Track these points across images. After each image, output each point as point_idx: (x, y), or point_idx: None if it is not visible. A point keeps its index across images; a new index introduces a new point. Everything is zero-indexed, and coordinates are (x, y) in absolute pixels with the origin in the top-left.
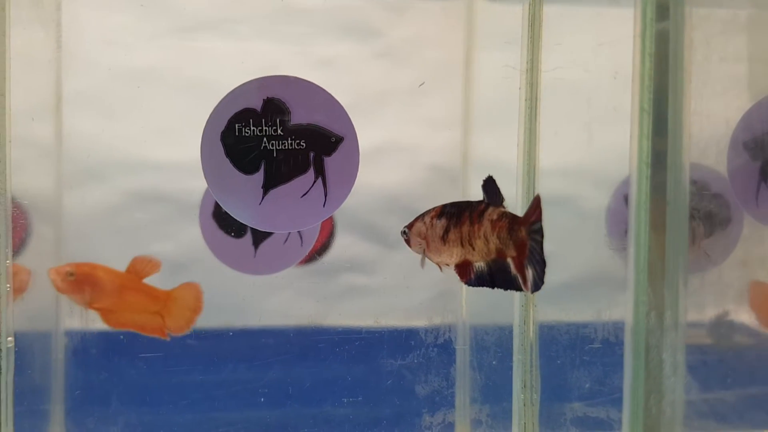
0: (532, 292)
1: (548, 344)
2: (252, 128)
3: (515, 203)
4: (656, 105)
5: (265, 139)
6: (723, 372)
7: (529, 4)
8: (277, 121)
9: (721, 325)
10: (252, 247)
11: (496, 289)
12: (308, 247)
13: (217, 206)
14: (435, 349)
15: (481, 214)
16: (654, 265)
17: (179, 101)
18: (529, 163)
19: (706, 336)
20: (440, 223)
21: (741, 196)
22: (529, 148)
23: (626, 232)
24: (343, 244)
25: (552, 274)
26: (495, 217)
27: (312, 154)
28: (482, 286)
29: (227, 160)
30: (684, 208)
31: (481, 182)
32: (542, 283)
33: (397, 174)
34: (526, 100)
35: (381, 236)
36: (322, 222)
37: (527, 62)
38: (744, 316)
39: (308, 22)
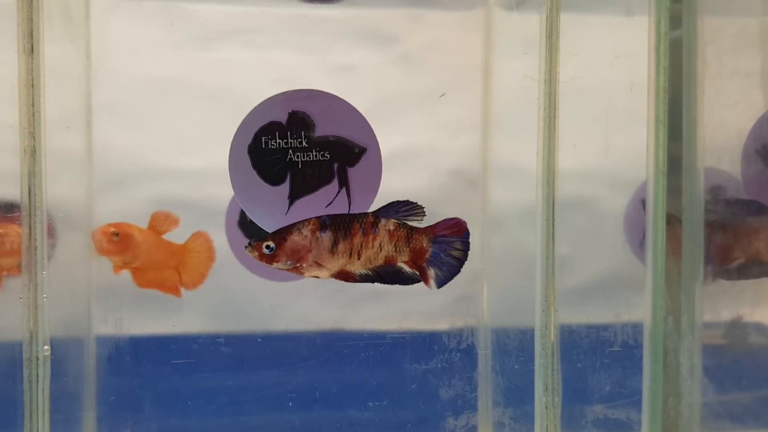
0: (438, 287)
1: (569, 348)
2: (278, 141)
3: (535, 206)
4: (671, 113)
5: (290, 151)
6: (738, 374)
7: (546, 16)
8: (302, 133)
9: (737, 328)
10: None
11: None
12: None
13: (242, 215)
14: (458, 354)
15: (374, 225)
16: (671, 271)
17: (202, 110)
18: (548, 171)
19: (721, 337)
20: (326, 236)
21: None
22: (548, 157)
23: (643, 241)
24: None
25: (572, 277)
26: (392, 227)
27: (336, 165)
28: (369, 282)
29: (254, 172)
30: (699, 214)
31: (395, 200)
32: (447, 281)
33: (417, 178)
34: (544, 109)
35: None
36: None
37: (545, 72)
38: (758, 318)
39: (326, 30)
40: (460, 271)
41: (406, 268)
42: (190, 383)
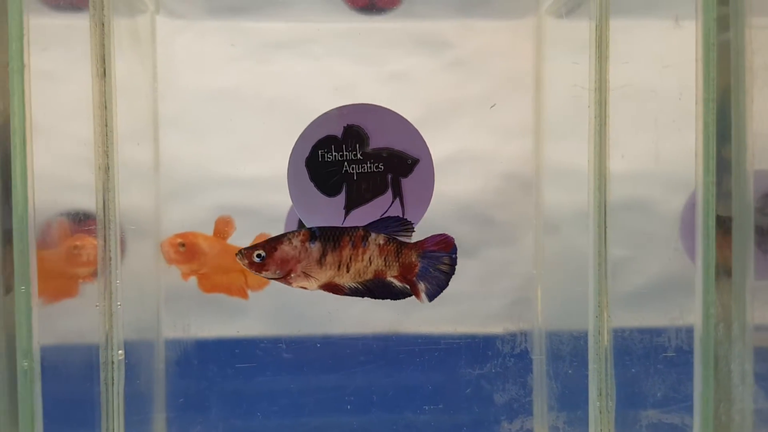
0: (430, 300)
1: (623, 352)
2: (334, 154)
3: (587, 209)
4: (720, 117)
5: (345, 163)
6: None
7: (596, 24)
8: (357, 146)
9: None
10: None
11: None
12: None
13: (301, 224)
14: (512, 359)
15: (363, 239)
16: (721, 278)
17: (261, 120)
18: (599, 177)
19: None
20: (315, 247)
21: None
22: (599, 164)
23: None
24: None
25: (626, 281)
26: (382, 242)
27: (390, 176)
28: (359, 296)
29: (311, 184)
30: (749, 222)
31: (387, 216)
32: (436, 295)
33: (471, 182)
34: (595, 117)
35: (456, 245)
36: None
37: (595, 81)
38: None
39: (380, 40)
40: (447, 284)
41: (396, 282)
42: (253, 386)
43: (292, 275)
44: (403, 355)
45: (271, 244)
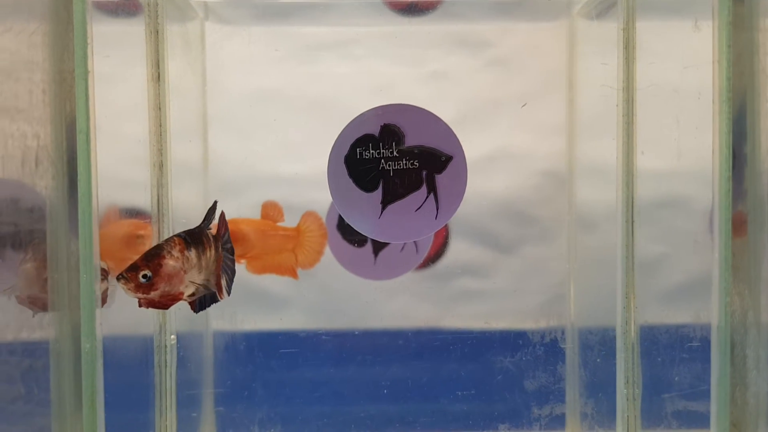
0: (229, 293)
1: (649, 343)
2: (371, 151)
3: (615, 207)
4: (738, 116)
5: (382, 160)
6: None
7: (623, 27)
8: (393, 144)
9: None
10: (372, 255)
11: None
12: (423, 254)
13: (341, 219)
14: (542, 348)
15: (209, 236)
16: (738, 268)
17: (303, 119)
18: (627, 174)
19: None
20: (193, 254)
21: None
22: (627, 161)
23: None
24: (457, 250)
25: (656, 276)
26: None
27: (424, 173)
28: (204, 308)
29: (350, 181)
30: (763, 216)
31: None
32: (231, 285)
33: (508, 180)
34: (623, 116)
35: (493, 242)
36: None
37: (623, 81)
38: None
39: (419, 40)
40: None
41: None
42: (295, 374)
43: (181, 287)
44: (437, 344)
45: (155, 261)
